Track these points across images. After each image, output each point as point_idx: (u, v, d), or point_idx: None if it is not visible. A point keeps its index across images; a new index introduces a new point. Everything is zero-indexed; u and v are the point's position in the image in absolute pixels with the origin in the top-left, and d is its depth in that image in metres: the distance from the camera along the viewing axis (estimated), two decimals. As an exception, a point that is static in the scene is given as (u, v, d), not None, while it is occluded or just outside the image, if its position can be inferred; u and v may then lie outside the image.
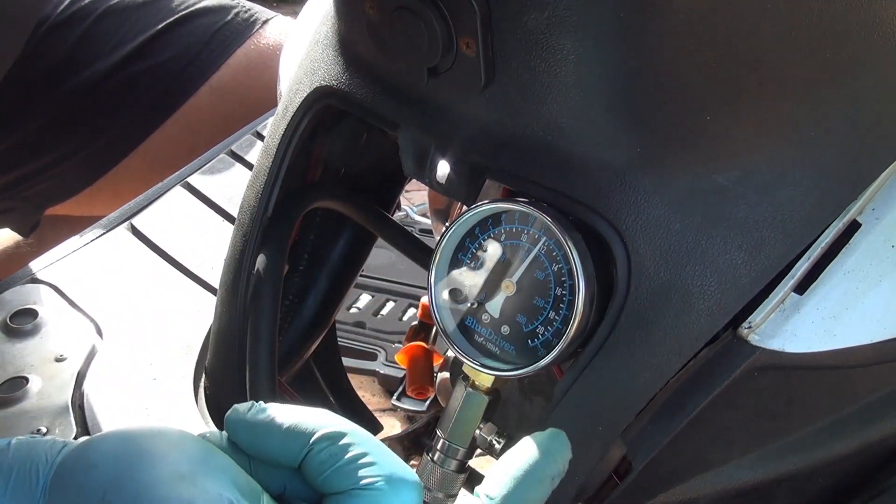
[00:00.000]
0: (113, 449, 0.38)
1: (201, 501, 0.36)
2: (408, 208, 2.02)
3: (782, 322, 0.46)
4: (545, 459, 0.41)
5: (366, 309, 1.69)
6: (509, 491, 0.40)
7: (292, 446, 0.39)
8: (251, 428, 0.40)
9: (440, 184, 0.50)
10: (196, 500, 0.36)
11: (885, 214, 0.47)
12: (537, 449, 0.41)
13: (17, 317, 0.70)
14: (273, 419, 0.40)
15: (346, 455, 0.38)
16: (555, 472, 0.41)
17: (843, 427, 0.50)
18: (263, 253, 0.59)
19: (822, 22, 0.43)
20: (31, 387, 0.64)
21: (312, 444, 0.39)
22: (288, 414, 0.40)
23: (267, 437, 0.40)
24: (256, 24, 1.16)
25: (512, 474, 0.40)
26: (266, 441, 0.40)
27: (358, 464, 0.38)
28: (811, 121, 0.45)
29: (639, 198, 0.44)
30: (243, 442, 0.40)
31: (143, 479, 0.37)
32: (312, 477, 0.39)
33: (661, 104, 0.44)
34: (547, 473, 0.41)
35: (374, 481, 0.38)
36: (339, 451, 0.39)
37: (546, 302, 0.47)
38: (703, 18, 0.41)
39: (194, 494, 0.36)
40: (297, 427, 0.39)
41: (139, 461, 0.37)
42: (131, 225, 0.79)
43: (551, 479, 0.41)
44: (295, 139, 0.58)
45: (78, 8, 1.13)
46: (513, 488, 0.40)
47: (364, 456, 0.38)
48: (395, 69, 0.50)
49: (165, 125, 1.12)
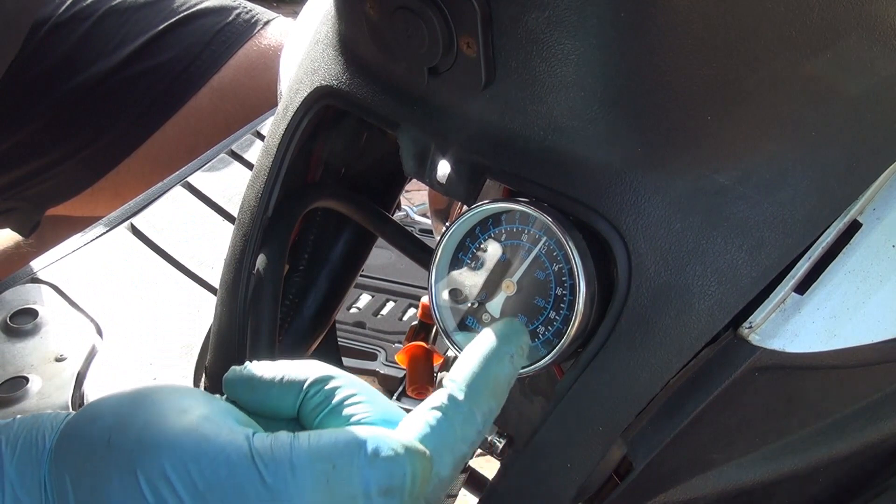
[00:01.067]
0: (115, 401, 0.40)
1: (207, 428, 0.37)
2: (408, 208, 2.02)
3: (783, 322, 0.46)
4: (501, 340, 0.43)
5: (366, 309, 1.69)
6: (471, 372, 0.41)
7: (288, 395, 0.40)
8: (248, 383, 0.41)
9: (440, 184, 0.50)
10: (202, 428, 0.37)
11: (886, 214, 0.47)
12: (493, 334, 0.43)
13: (17, 317, 0.70)
14: (267, 374, 0.41)
15: (337, 396, 0.40)
16: (512, 351, 0.43)
17: (844, 427, 0.50)
18: (263, 253, 0.59)
19: (822, 22, 0.43)
20: (31, 387, 0.64)
21: (306, 390, 0.40)
22: (280, 367, 0.41)
23: (264, 390, 0.41)
24: (258, 25, 1.16)
25: (471, 359, 0.42)
26: (264, 395, 0.41)
27: (350, 402, 0.40)
28: (812, 120, 0.45)
29: (639, 198, 0.44)
30: (242, 399, 0.41)
31: (147, 417, 0.38)
32: (309, 422, 0.41)
33: (661, 104, 0.44)
34: (504, 352, 0.42)
35: (366, 417, 0.40)
36: (331, 393, 0.40)
37: (546, 302, 0.47)
38: (704, 18, 0.41)
39: (199, 424, 0.37)
40: (290, 377, 0.41)
41: (142, 404, 0.39)
42: (131, 224, 0.79)
43: (510, 357, 0.42)
44: (295, 139, 0.58)
45: (79, 8, 1.13)
46: (474, 370, 0.41)
47: (354, 395, 0.40)
48: (396, 69, 0.50)
49: (166, 126, 1.13)
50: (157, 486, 0.36)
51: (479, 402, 0.40)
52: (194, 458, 0.36)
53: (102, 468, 0.37)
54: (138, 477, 0.36)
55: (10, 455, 0.38)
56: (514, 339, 0.43)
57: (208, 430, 0.37)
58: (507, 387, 0.42)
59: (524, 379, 0.58)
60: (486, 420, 0.41)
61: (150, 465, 0.36)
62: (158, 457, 0.36)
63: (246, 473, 0.36)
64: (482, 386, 0.41)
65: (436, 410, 0.40)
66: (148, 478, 0.36)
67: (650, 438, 0.47)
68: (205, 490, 0.36)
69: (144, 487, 0.36)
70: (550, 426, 0.48)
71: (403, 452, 0.37)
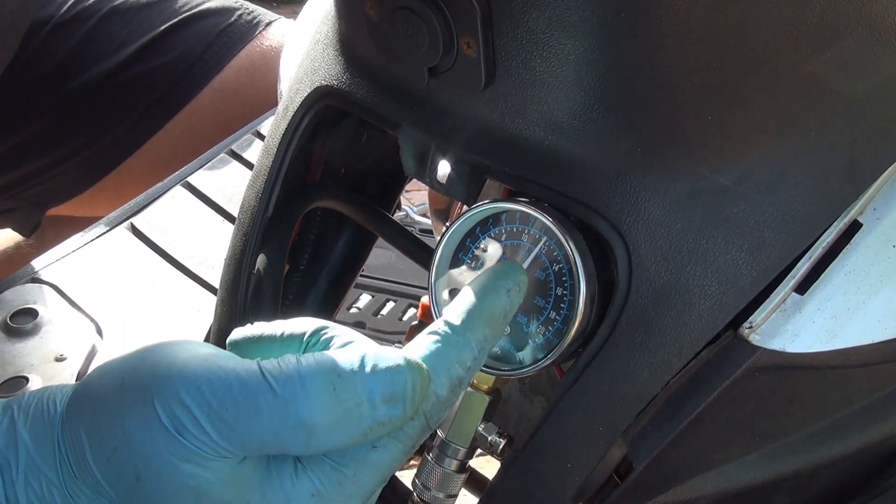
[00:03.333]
0: (123, 357, 0.41)
1: (218, 359, 0.39)
2: (408, 208, 2.02)
3: (783, 322, 0.46)
4: (498, 275, 0.45)
5: (366, 309, 1.69)
6: (469, 302, 0.43)
7: (290, 347, 0.42)
8: (252, 341, 0.43)
9: (440, 184, 0.50)
10: (212, 359, 0.39)
11: (886, 214, 0.47)
12: (491, 271, 0.45)
13: (17, 317, 0.70)
14: (268, 330, 0.43)
15: (336, 342, 0.41)
16: (509, 285, 0.44)
17: (844, 427, 0.50)
18: (263, 253, 0.59)
19: (823, 21, 0.43)
20: (31, 387, 0.64)
21: (307, 340, 0.42)
22: (280, 324, 0.43)
23: (268, 345, 0.42)
24: (259, 26, 1.16)
25: (469, 291, 0.44)
26: (267, 350, 0.42)
27: (349, 346, 0.41)
28: (812, 121, 0.45)
29: (639, 198, 0.44)
30: (248, 356, 0.42)
31: (159, 357, 0.39)
32: None
33: (661, 104, 0.44)
34: (501, 286, 0.44)
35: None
36: (329, 340, 0.42)
37: (547, 302, 0.47)
38: (704, 18, 0.41)
39: (209, 357, 0.39)
40: (290, 331, 0.42)
41: (152, 351, 0.40)
42: (131, 224, 0.79)
43: (507, 291, 0.44)
44: (295, 139, 0.58)
45: (81, 8, 1.13)
46: (472, 300, 0.43)
47: (352, 342, 0.41)
48: (396, 69, 0.50)
49: (168, 126, 1.13)
50: (173, 409, 0.38)
51: (475, 329, 0.42)
52: (207, 381, 0.38)
53: (117, 408, 0.38)
54: (155, 405, 0.38)
55: (24, 420, 0.40)
56: (511, 275, 0.45)
57: (219, 359, 0.39)
58: (503, 318, 0.44)
59: (524, 379, 0.58)
60: (481, 347, 0.42)
61: (165, 393, 0.38)
62: (172, 384, 0.38)
63: (258, 387, 0.38)
64: (478, 315, 0.43)
65: (434, 335, 0.42)
66: (164, 404, 0.38)
67: (650, 438, 0.47)
68: (219, 408, 0.38)
69: (161, 413, 0.38)
70: (550, 426, 0.48)
71: (403, 364, 0.39)
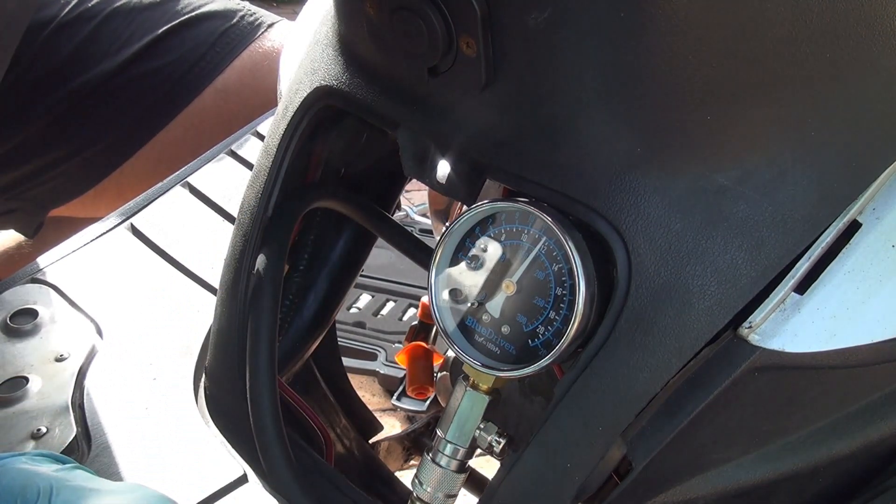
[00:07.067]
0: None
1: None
2: (408, 208, 2.02)
3: (783, 322, 0.46)
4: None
5: (366, 309, 1.69)
6: None
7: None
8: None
9: (440, 184, 0.50)
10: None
11: (886, 214, 0.47)
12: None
13: (17, 317, 0.70)
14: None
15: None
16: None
17: (844, 427, 0.49)
18: (263, 253, 0.59)
19: (823, 22, 0.43)
20: (31, 387, 0.64)
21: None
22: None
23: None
24: (261, 27, 1.16)
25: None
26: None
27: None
28: (812, 120, 0.45)
29: (639, 198, 0.44)
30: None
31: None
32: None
33: (661, 104, 0.44)
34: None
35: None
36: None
37: (546, 302, 0.47)
38: (704, 18, 0.41)
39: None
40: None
41: None
42: (131, 225, 0.79)
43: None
44: (295, 139, 0.58)
45: (84, 8, 1.13)
46: None
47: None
48: (395, 69, 0.50)
49: (170, 127, 1.13)
50: None
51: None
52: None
53: None
54: None
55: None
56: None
57: None
58: None
59: (524, 379, 0.58)
60: None
61: None
62: None
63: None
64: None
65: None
66: None
67: (650, 438, 0.47)
68: None
69: None
70: (550, 426, 0.48)
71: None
